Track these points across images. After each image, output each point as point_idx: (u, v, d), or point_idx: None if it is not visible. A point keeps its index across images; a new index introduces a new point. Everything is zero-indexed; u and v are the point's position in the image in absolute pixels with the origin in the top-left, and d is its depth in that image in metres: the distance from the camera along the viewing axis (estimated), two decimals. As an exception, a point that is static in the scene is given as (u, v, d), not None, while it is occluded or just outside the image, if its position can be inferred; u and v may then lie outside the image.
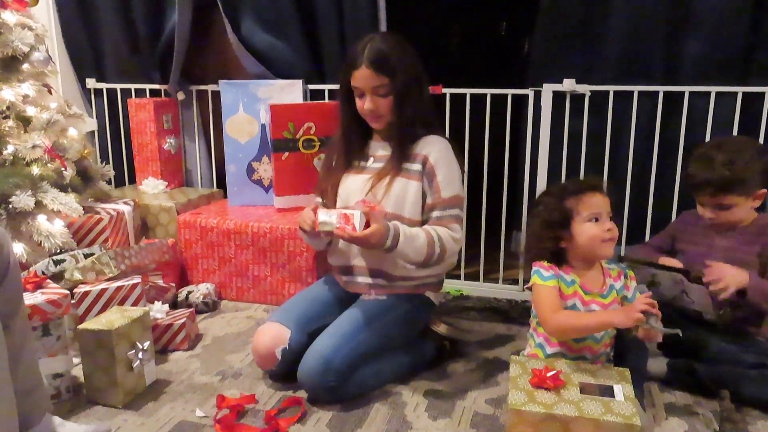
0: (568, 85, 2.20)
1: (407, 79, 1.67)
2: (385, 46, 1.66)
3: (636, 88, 2.18)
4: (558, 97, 2.25)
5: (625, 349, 1.57)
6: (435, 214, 1.71)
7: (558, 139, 2.28)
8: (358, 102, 1.72)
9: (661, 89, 2.16)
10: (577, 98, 2.24)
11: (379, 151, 1.81)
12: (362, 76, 1.67)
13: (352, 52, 1.69)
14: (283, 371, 1.71)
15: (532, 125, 2.30)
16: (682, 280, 1.65)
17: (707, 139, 2.12)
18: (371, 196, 1.73)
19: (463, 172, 1.82)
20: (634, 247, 1.99)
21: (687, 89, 2.13)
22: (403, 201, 1.72)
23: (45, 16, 2.71)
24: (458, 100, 2.36)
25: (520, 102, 2.36)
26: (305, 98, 2.56)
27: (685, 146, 2.16)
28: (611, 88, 2.20)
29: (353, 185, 1.79)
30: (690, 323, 1.66)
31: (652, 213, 2.24)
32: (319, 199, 1.90)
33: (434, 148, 1.73)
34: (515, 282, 2.45)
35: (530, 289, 1.56)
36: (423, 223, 1.73)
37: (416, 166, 1.73)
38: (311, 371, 1.59)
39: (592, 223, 1.48)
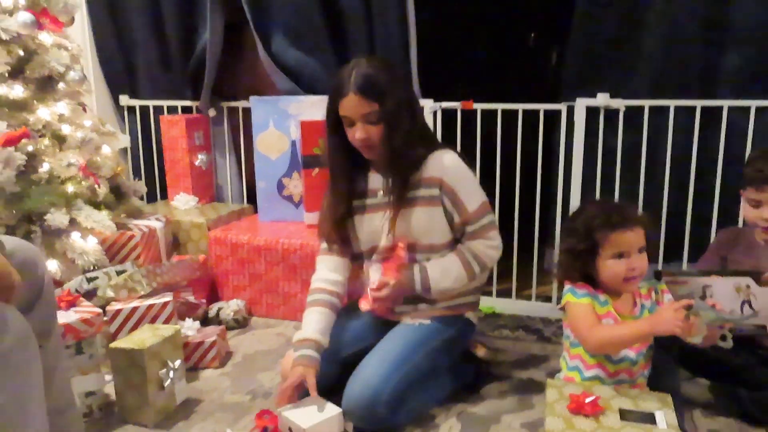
0: (602, 99, 2.16)
1: (398, 102, 1.58)
2: (372, 70, 1.58)
3: (672, 103, 2.13)
4: (591, 112, 2.20)
5: (657, 372, 1.51)
6: (468, 229, 1.67)
7: (592, 154, 2.23)
8: (348, 132, 1.61)
9: (699, 104, 2.10)
10: (612, 113, 2.19)
11: (380, 183, 1.71)
12: (351, 104, 1.57)
13: (338, 80, 1.60)
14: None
15: (565, 140, 2.26)
16: (748, 285, 1.54)
17: (747, 154, 2.05)
18: (389, 237, 1.68)
19: (492, 185, 1.80)
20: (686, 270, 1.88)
21: (726, 103, 2.07)
22: (431, 230, 1.66)
23: (80, 35, 2.77)
24: (487, 115, 2.33)
25: (551, 116, 2.32)
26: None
27: (724, 162, 2.10)
28: (646, 103, 2.15)
29: (372, 225, 1.71)
30: (740, 348, 1.58)
31: (690, 230, 2.18)
32: (325, 245, 1.79)
33: (444, 166, 1.65)
34: (548, 299, 2.40)
35: (563, 309, 1.52)
36: (456, 240, 1.70)
37: (433, 191, 1.65)
38: (360, 402, 1.52)
39: (616, 260, 1.43)
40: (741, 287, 1.52)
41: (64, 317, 1.60)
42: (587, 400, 1.30)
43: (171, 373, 1.66)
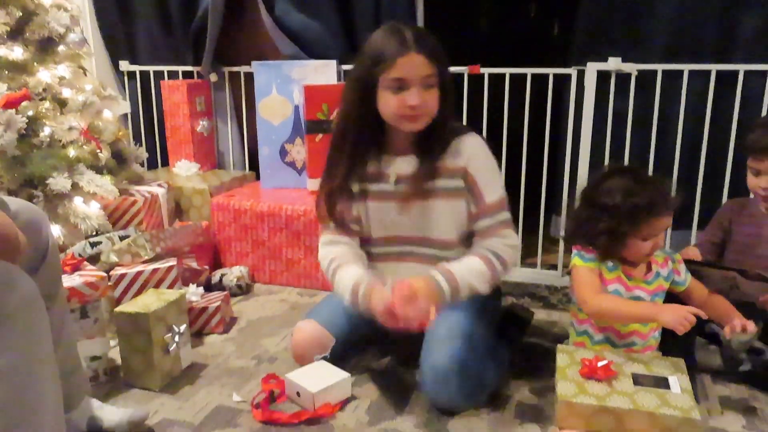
0: (614, 64, 2.11)
1: (448, 70, 1.47)
2: (423, 31, 1.46)
3: (686, 67, 2.08)
4: (602, 77, 2.16)
5: (668, 336, 1.50)
6: (483, 223, 1.52)
7: (601, 120, 2.19)
8: (391, 100, 1.42)
9: (714, 68, 2.05)
10: (623, 78, 2.14)
11: (403, 166, 1.54)
12: (411, 64, 1.39)
13: (386, 41, 1.41)
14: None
15: (575, 106, 2.22)
16: (734, 277, 1.56)
17: (762, 120, 2.01)
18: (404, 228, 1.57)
19: (498, 152, 1.71)
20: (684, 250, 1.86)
21: (741, 67, 2.02)
22: (454, 223, 1.55)
23: (79, -2, 2.70)
24: (493, 80, 2.29)
25: (558, 83, 2.27)
26: (339, 79, 2.51)
27: (738, 128, 2.06)
28: (659, 67, 2.10)
29: (383, 214, 1.57)
30: (744, 313, 1.58)
31: (701, 197, 2.15)
32: (329, 230, 1.62)
33: (469, 153, 1.51)
34: (554, 267, 2.38)
35: (569, 273, 1.50)
36: (468, 236, 1.57)
37: (457, 182, 1.51)
38: (448, 384, 1.42)
39: (645, 242, 1.42)
40: (728, 277, 1.55)
41: (68, 281, 1.58)
42: (600, 365, 1.30)
43: (176, 338, 1.65)
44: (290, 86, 2.51)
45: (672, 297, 1.52)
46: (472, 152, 1.51)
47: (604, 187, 1.45)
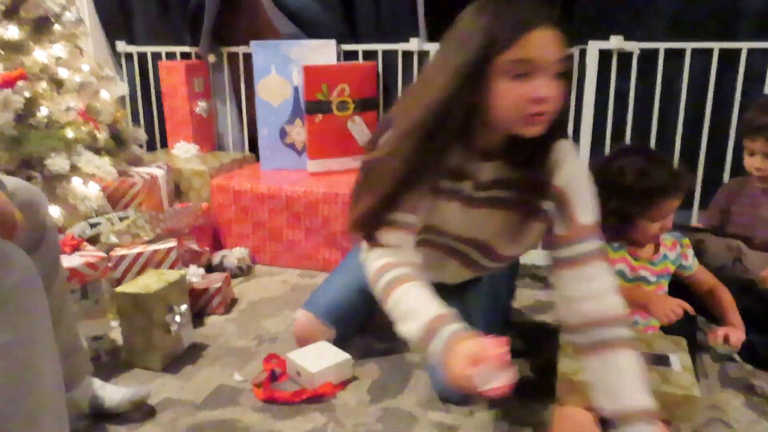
0: (616, 42, 2.09)
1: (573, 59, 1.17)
2: None
3: (689, 45, 2.06)
4: (604, 56, 2.14)
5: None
6: (576, 250, 1.14)
7: (603, 100, 2.17)
8: (515, 90, 1.02)
9: (716, 46, 2.03)
10: (625, 57, 2.12)
11: (486, 172, 1.20)
12: (545, 42, 1.00)
13: (505, 11, 1.02)
14: None
15: (576, 85, 2.20)
16: (739, 246, 1.56)
17: (765, 99, 2.00)
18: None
19: None
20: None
21: (745, 45, 2.01)
22: (530, 242, 1.28)
23: (74, -23, 2.66)
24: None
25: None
26: (339, 59, 2.48)
27: (740, 108, 2.05)
28: (662, 46, 2.08)
29: (457, 216, 1.26)
30: (740, 293, 1.58)
31: (703, 177, 2.14)
32: (401, 218, 1.16)
33: (568, 169, 1.16)
34: (554, 249, 2.38)
35: None
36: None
37: (548, 204, 1.17)
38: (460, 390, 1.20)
39: (654, 223, 1.41)
40: (733, 247, 1.55)
41: (68, 261, 1.58)
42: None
43: (177, 318, 1.65)
44: (289, 67, 2.48)
45: (678, 283, 1.52)
46: (573, 167, 1.16)
47: (616, 167, 1.41)
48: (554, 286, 1.18)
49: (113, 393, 1.39)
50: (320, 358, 1.53)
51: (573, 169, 1.16)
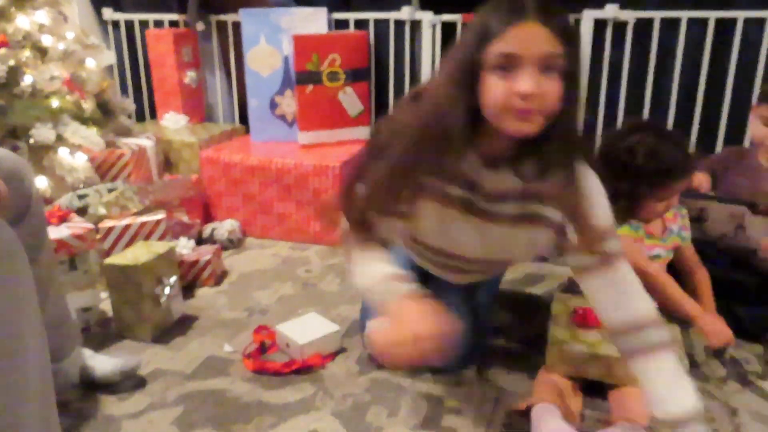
0: (611, 11, 2.06)
1: (579, 54, 1.04)
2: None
3: (684, 14, 2.03)
4: (598, 25, 2.11)
5: None
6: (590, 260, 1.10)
7: (596, 71, 2.15)
8: (500, 84, 0.98)
9: (713, 15, 2.01)
10: (620, 26, 2.10)
11: (493, 181, 1.13)
12: (527, 35, 0.97)
13: (497, 7, 1.01)
14: None
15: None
16: (743, 213, 1.54)
17: (759, 70, 1.98)
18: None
19: None
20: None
21: (741, 14, 1.98)
22: (534, 251, 1.24)
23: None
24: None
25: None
26: (330, 28, 2.44)
27: (735, 79, 2.03)
28: (657, 14, 2.06)
29: (450, 225, 1.20)
30: (736, 266, 1.59)
31: (695, 149, 2.13)
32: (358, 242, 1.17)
33: (589, 192, 1.08)
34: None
35: None
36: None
37: (557, 216, 1.12)
38: (454, 367, 1.44)
39: (661, 202, 1.40)
40: (736, 214, 1.53)
41: (56, 232, 1.56)
42: (594, 313, 1.29)
43: (166, 290, 1.64)
44: (279, 36, 2.44)
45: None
46: (594, 192, 1.09)
47: (625, 145, 1.37)
48: (584, 294, 1.16)
49: (103, 363, 1.40)
50: (309, 330, 1.54)
51: (595, 192, 1.10)
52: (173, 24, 2.76)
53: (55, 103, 1.94)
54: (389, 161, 1.09)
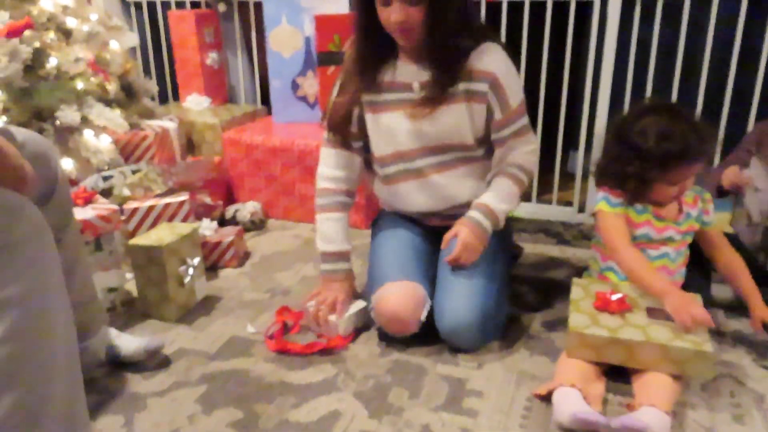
0: (640, -12, 2.01)
1: None
2: None
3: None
4: (626, 4, 2.05)
5: (686, 272, 1.48)
6: (507, 131, 1.50)
7: (624, 50, 2.10)
8: (382, 13, 1.38)
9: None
10: (648, 4, 2.04)
11: (415, 76, 1.48)
12: None
13: None
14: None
15: (597, 36, 2.12)
16: None
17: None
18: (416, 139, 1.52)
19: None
20: (712, 168, 1.76)
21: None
22: (467, 128, 1.49)
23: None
24: (511, 9, 2.19)
25: (580, 11, 2.17)
26: (351, 7, 2.41)
27: (768, 56, 1.97)
28: (687, -9, 2.00)
29: (395, 125, 1.51)
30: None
31: (726, 127, 2.08)
32: (329, 135, 1.60)
33: (496, 60, 1.43)
34: (569, 204, 2.35)
35: (594, 215, 1.47)
36: (487, 140, 1.54)
37: (482, 86, 1.44)
38: (469, 332, 1.42)
39: (672, 186, 1.35)
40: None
41: (81, 213, 1.58)
42: (614, 298, 1.28)
43: (190, 270, 1.66)
44: (300, 16, 2.42)
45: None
46: (494, 56, 1.44)
47: (638, 126, 1.34)
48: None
49: (129, 342, 1.42)
50: None
51: (498, 58, 1.44)
52: (195, 5, 2.76)
53: (79, 85, 1.95)
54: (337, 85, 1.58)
